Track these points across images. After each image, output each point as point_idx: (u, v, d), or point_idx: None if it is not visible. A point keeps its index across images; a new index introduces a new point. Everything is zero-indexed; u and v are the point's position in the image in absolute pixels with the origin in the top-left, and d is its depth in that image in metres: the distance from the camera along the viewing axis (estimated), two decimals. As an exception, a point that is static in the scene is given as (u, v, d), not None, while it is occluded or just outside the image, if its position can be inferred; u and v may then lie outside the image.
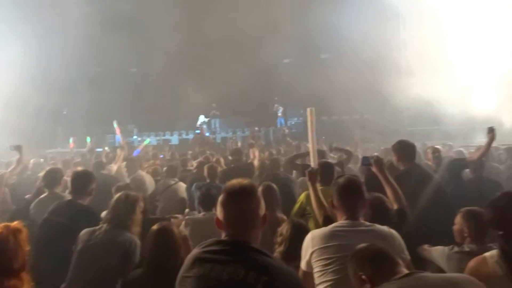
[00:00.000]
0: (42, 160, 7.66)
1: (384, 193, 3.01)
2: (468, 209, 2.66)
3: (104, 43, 15.92)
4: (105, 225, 2.91)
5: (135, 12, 17.01)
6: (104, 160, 7.20)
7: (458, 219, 2.66)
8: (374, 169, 3.01)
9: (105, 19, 15.44)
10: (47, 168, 4.94)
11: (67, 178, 4.17)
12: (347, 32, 13.51)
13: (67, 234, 3.09)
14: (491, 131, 4.75)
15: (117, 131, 9.20)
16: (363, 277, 1.78)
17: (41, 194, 4.20)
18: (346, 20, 13.57)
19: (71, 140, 10.71)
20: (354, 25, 13.08)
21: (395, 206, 2.83)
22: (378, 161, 3.00)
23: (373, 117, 14.71)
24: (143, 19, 16.91)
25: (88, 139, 10.61)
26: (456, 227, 2.66)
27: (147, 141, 11.55)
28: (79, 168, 4.09)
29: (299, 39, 17.23)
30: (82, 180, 3.52)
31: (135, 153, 7.77)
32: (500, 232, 2.09)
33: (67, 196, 3.78)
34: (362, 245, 1.93)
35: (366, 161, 3.12)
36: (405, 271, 1.73)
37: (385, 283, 1.67)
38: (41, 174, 4.64)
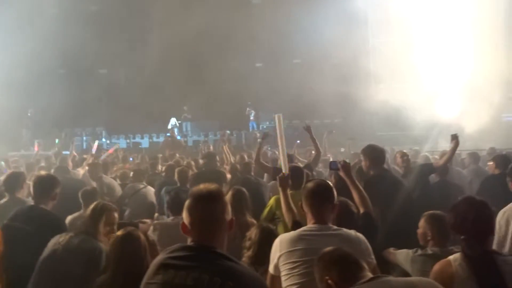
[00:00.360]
0: (2, 163, 7.36)
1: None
2: (431, 213, 2.73)
3: (72, 43, 15.53)
4: (71, 233, 2.82)
5: (106, 12, 16.67)
6: (70, 163, 6.98)
7: (421, 223, 2.73)
8: (341, 173, 3.05)
9: (75, 18, 15.07)
10: (9, 171, 4.75)
11: (30, 182, 4.01)
12: (319, 38, 13.72)
13: (28, 240, 2.98)
14: (454, 138, 4.94)
15: (94, 147, 8.98)
16: (329, 281, 1.79)
17: (1, 199, 4.03)
18: (318, 26, 13.78)
19: (36, 142, 10.33)
20: (325, 32, 13.28)
21: (362, 210, 2.88)
22: (345, 166, 3.04)
23: (344, 122, 14.96)
24: (114, 20, 16.59)
25: (57, 141, 10.21)
26: (419, 231, 2.73)
27: (117, 146, 11.28)
28: (42, 172, 3.95)
29: (271, 44, 17.36)
30: (45, 185, 3.39)
31: (103, 156, 7.56)
32: (462, 237, 2.16)
33: (29, 201, 3.65)
34: (329, 248, 1.94)
35: (334, 166, 3.16)
36: (370, 275, 1.76)
37: None
38: (2, 178, 4.46)
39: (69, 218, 4.02)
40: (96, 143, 8.93)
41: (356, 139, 9.45)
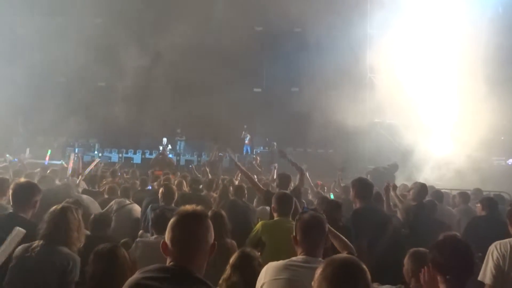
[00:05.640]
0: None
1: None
2: (414, 250, 2.70)
3: (72, 55, 15.65)
4: (41, 241, 2.73)
5: (104, 25, 16.80)
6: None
7: (406, 260, 2.70)
8: None
9: (74, 31, 15.20)
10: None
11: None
12: (318, 69, 13.94)
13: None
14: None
15: (47, 158, 8.90)
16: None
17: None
18: (317, 57, 14.03)
19: (28, 151, 10.22)
20: (324, 63, 13.49)
21: (344, 253, 2.84)
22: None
23: (336, 153, 14.99)
24: (113, 34, 16.74)
25: (49, 152, 10.03)
26: (404, 268, 2.70)
27: (98, 159, 11.12)
28: (22, 179, 3.88)
29: (271, 70, 17.62)
30: (24, 192, 3.31)
31: (87, 170, 7.42)
32: (447, 276, 2.13)
33: (10, 208, 3.56)
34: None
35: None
36: None
37: None
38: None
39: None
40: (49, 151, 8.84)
41: (346, 170, 9.43)
